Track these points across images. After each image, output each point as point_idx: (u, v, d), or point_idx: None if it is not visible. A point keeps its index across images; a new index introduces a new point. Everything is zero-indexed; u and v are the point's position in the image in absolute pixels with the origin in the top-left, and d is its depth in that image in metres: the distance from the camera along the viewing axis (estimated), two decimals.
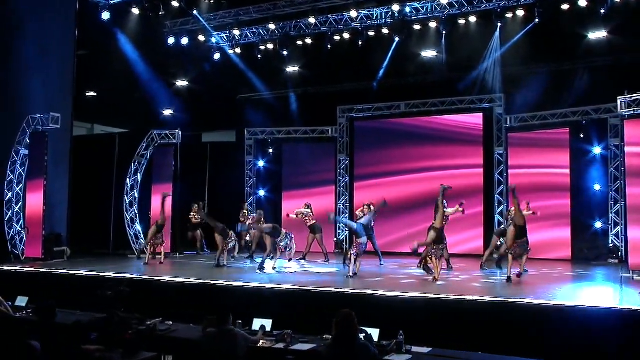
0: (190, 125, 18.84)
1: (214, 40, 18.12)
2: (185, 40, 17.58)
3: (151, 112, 19.43)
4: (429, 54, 16.80)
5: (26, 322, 7.86)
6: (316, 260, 14.92)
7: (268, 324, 7.28)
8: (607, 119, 14.83)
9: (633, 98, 11.94)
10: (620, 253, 14.41)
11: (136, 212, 16.37)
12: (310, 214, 15.33)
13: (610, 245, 14.52)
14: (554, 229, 15.13)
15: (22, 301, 9.06)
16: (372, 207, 13.83)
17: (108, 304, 7.32)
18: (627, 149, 11.90)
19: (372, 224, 13.90)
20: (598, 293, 10.22)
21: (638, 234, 11.67)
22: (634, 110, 11.90)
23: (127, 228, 16.25)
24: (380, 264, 14.05)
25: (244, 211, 16.87)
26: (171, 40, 17.61)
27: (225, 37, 18.06)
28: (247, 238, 16.11)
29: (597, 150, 15.11)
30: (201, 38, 17.68)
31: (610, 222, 14.71)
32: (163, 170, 16.27)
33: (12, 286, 11.29)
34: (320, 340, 7.08)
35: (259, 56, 17.92)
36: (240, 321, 7.28)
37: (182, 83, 19.82)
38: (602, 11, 13.98)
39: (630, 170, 11.87)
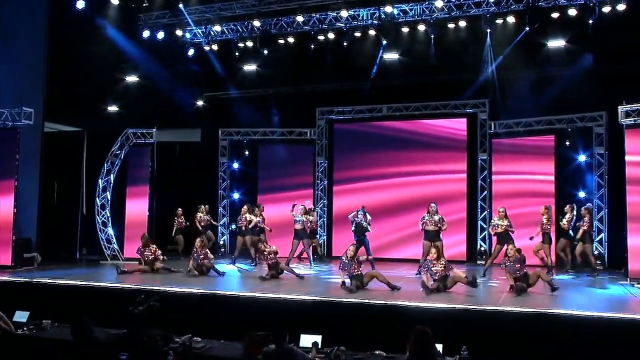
0: (145, 122, 18.02)
1: (188, 35, 17.42)
2: (161, 35, 16.84)
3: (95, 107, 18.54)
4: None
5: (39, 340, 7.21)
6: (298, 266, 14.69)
7: (318, 339, 6.91)
8: (592, 127, 15.22)
9: (633, 107, 12.16)
10: (604, 260, 14.78)
11: (108, 215, 15.55)
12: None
13: (595, 252, 14.82)
14: (539, 235, 15.34)
15: (22, 316, 8.32)
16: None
17: (140, 320, 6.75)
18: (627, 158, 12.18)
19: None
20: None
21: (638, 242, 11.92)
22: (634, 120, 12.12)
23: (99, 232, 15.48)
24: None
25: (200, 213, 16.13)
26: (146, 34, 16.83)
27: (200, 33, 17.40)
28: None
29: (581, 158, 15.47)
30: (179, 32, 16.94)
31: (594, 230, 15.00)
32: (138, 172, 15.55)
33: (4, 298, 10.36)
34: (373, 356, 6.80)
35: (237, 54, 17.39)
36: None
37: (132, 78, 18.63)
38: (590, 21, 14.29)
39: (630, 179, 12.12)
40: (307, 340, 6.92)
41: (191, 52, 17.65)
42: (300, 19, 15.99)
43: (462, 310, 8.99)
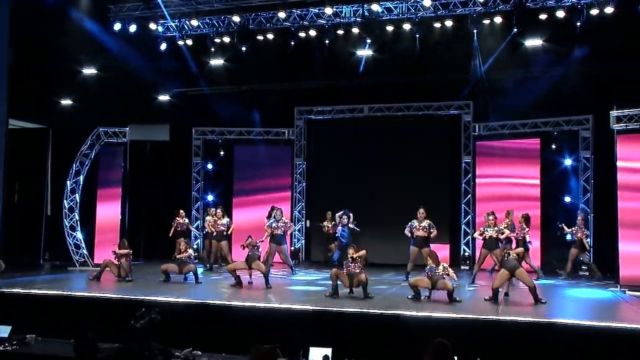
0: (114, 119, 17.45)
1: (160, 29, 16.92)
2: (133, 28, 16.31)
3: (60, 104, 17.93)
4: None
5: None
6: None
7: (329, 353, 6.66)
8: (579, 131, 15.34)
9: (625, 113, 12.27)
10: (590, 265, 14.93)
11: (77, 218, 14.97)
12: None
13: (580, 257, 14.96)
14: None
15: (3, 331, 7.84)
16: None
17: (141, 335, 6.41)
18: (619, 164, 12.25)
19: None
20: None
21: (629, 249, 12.05)
22: (625, 125, 12.23)
23: (67, 237, 14.86)
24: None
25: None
26: (117, 27, 16.27)
27: (174, 27, 16.91)
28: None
29: (567, 162, 15.59)
30: (152, 26, 16.44)
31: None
32: (110, 173, 15.05)
33: None
34: None
35: (212, 49, 16.99)
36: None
37: (100, 73, 17.97)
38: (578, 24, 14.43)
39: (622, 185, 12.22)
40: (317, 354, 6.67)
41: (163, 46, 17.16)
42: (281, 15, 15.70)
43: (473, 320, 8.92)
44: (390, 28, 15.74)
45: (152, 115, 18.50)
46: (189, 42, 17.03)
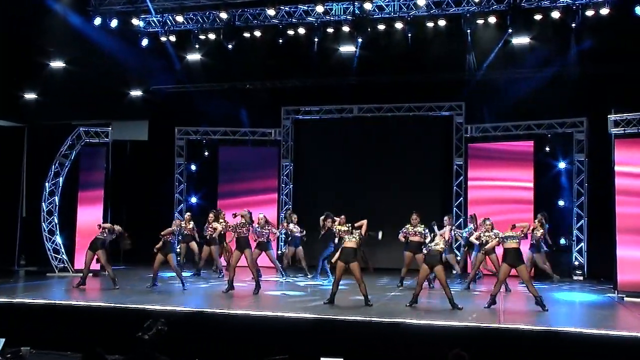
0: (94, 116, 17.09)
1: (141, 24, 16.57)
2: (114, 23, 15.97)
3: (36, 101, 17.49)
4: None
5: None
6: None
7: None
8: (573, 134, 15.40)
9: (623, 117, 12.31)
10: (584, 270, 15.02)
11: (56, 222, 14.59)
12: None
13: (575, 262, 15.04)
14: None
15: None
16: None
17: (148, 347, 6.20)
18: (617, 169, 12.30)
19: None
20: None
21: (627, 254, 12.09)
22: (623, 130, 12.27)
23: (45, 241, 14.47)
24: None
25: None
26: (97, 21, 15.92)
27: (156, 22, 16.59)
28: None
29: (561, 165, 15.63)
30: (135, 22, 16.12)
31: (573, 239, 15.23)
32: (92, 175, 14.69)
33: None
34: None
35: (197, 45, 16.74)
36: None
37: (57, 64, 17.51)
38: (573, 25, 14.49)
39: (619, 190, 12.27)
40: None
41: (145, 42, 16.86)
42: (270, 12, 15.49)
43: (477, 328, 8.83)
44: (382, 27, 15.69)
45: (130, 112, 18.10)
46: (172, 38, 16.79)
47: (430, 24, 15.32)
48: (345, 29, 15.78)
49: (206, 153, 17.92)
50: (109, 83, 17.13)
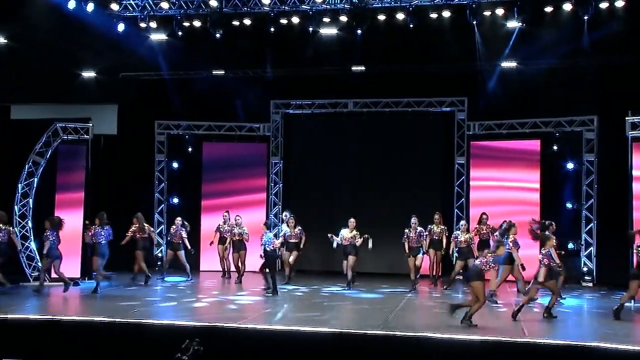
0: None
1: (116, 7, 16.04)
2: (90, 7, 15.46)
3: None
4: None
5: None
6: None
7: None
8: (582, 132, 15.45)
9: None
10: (594, 275, 15.14)
11: (31, 226, 14.12)
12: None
13: (584, 268, 15.15)
14: (522, 248, 15.44)
15: None
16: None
17: None
18: (635, 173, 12.38)
19: None
20: None
21: None
22: None
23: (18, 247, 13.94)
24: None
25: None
26: (72, 5, 15.36)
27: (134, 5, 16.10)
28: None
29: (570, 165, 15.65)
30: (115, 6, 15.64)
31: (582, 243, 15.32)
32: (70, 175, 14.24)
33: None
34: None
35: (180, 33, 16.30)
36: None
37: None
38: (586, 17, 14.50)
39: (637, 195, 12.36)
40: None
41: (121, 27, 16.38)
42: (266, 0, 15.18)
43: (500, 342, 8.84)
44: (382, 17, 15.49)
45: (84, 96, 17.35)
46: (153, 24, 16.36)
47: (433, 15, 15.20)
48: (343, 18, 15.55)
49: (190, 149, 17.42)
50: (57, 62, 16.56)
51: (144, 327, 9.27)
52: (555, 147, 15.61)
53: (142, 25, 16.29)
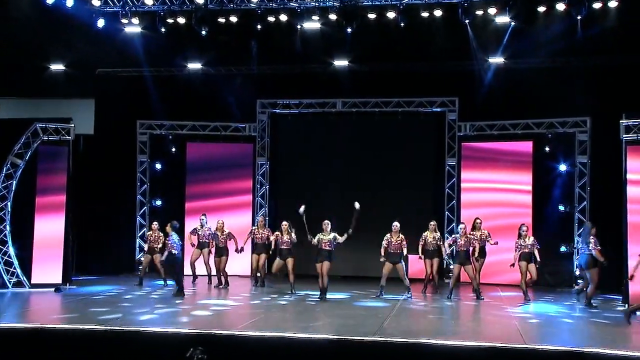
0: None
1: (96, 2, 15.89)
2: (70, 2, 15.31)
3: None
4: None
5: None
6: None
7: None
8: (575, 134, 15.62)
9: (635, 122, 12.53)
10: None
11: (9, 230, 13.93)
12: None
13: (576, 271, 15.31)
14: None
15: None
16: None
17: None
18: (629, 177, 12.54)
19: None
20: None
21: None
22: (636, 136, 12.51)
23: None
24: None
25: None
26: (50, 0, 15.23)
27: (115, 2, 15.97)
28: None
29: (562, 167, 15.80)
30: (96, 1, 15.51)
31: (575, 246, 15.47)
32: (51, 178, 14.06)
33: None
34: None
35: (163, 29, 16.20)
36: None
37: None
38: (579, 17, 14.66)
39: (631, 199, 12.53)
40: None
41: (101, 23, 16.24)
42: None
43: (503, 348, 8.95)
44: (372, 16, 15.52)
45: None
46: (135, 20, 16.24)
47: (425, 14, 15.26)
48: (332, 16, 15.56)
49: (173, 149, 17.29)
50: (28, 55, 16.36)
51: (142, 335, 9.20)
52: (547, 149, 15.72)
53: (124, 21, 16.21)
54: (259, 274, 14.98)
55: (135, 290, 14.06)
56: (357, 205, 12.92)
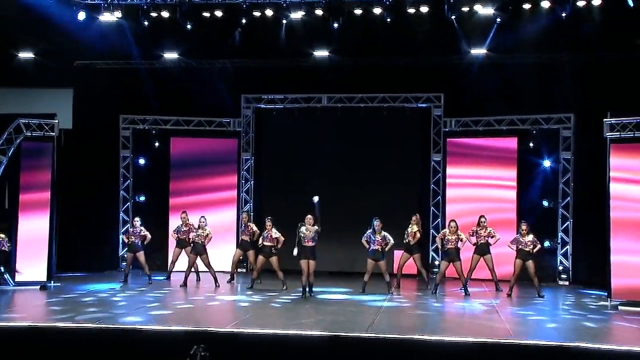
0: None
1: None
2: None
3: None
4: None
5: None
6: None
7: None
8: (559, 130, 16.14)
9: (619, 120, 13.00)
10: (569, 274, 15.90)
11: None
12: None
13: (560, 266, 15.88)
14: (499, 246, 16.07)
15: None
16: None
17: None
18: (612, 174, 13.05)
19: None
20: None
21: (621, 261, 12.90)
22: (619, 134, 12.99)
23: None
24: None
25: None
26: None
27: None
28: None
29: (546, 163, 16.32)
30: None
31: (558, 241, 16.05)
32: (35, 175, 14.24)
33: None
34: None
35: (146, 23, 16.38)
36: None
37: None
38: (564, 14, 15.14)
39: (614, 195, 13.06)
40: None
41: (82, 15, 16.38)
42: None
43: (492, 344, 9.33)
44: (358, 11, 15.85)
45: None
46: (118, 13, 16.40)
47: (411, 10, 15.63)
48: (319, 12, 15.87)
49: (157, 144, 17.44)
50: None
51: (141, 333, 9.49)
52: (531, 144, 16.16)
53: (106, 14, 16.37)
54: (239, 270, 15.28)
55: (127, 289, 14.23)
56: (315, 199, 13.39)
